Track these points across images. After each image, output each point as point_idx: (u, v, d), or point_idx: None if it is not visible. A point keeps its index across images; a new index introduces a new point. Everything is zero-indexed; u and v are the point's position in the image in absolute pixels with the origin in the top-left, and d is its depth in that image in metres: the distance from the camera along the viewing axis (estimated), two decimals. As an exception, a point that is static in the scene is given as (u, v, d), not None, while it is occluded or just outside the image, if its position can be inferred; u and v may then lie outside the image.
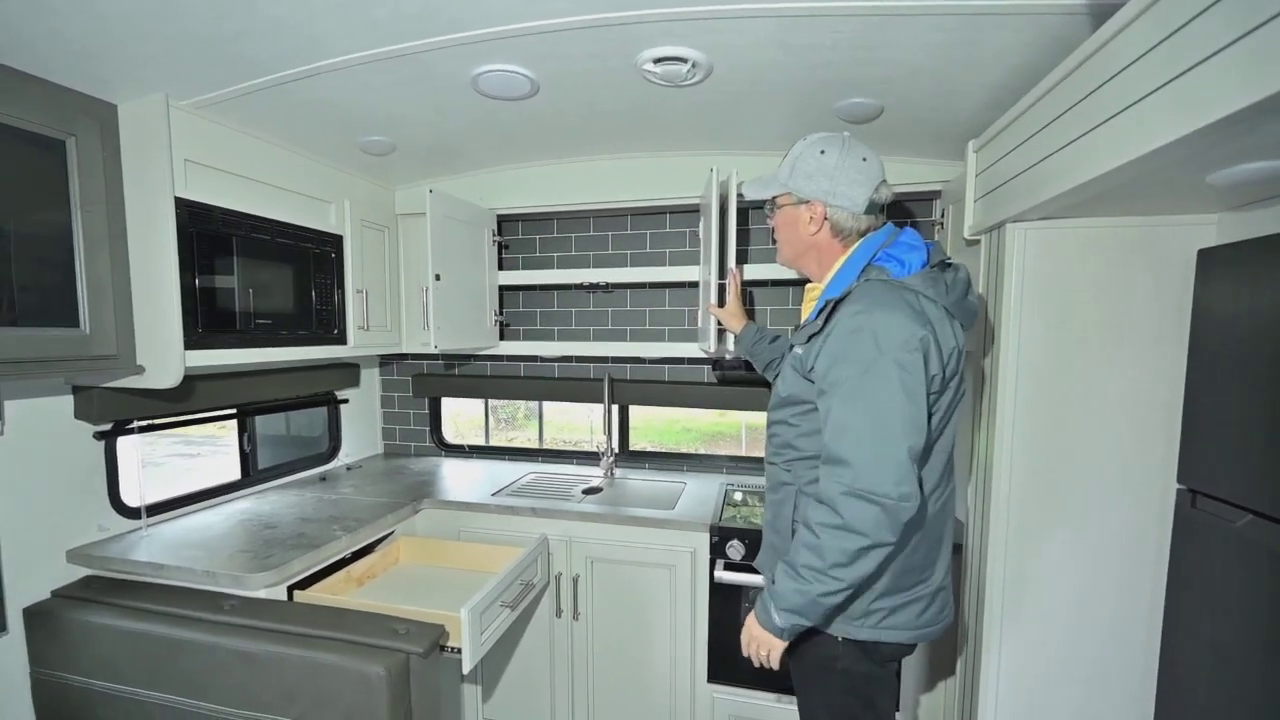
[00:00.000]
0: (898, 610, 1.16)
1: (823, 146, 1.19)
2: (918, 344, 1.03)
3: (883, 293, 1.10)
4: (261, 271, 1.72)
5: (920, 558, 1.16)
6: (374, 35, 1.24)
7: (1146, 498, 1.36)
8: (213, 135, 1.56)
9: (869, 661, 1.18)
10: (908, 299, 1.09)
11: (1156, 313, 1.33)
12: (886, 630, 1.16)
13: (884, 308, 1.07)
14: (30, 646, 1.47)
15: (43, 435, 1.51)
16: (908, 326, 1.04)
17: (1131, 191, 1.10)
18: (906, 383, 1.02)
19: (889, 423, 1.02)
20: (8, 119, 1.23)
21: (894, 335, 1.04)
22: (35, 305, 1.30)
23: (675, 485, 2.22)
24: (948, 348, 1.09)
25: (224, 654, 1.33)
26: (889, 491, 1.00)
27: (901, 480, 1.00)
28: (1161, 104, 0.81)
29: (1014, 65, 1.30)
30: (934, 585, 1.19)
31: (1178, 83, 0.77)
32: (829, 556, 1.03)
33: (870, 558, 1.03)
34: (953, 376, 1.12)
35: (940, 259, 1.17)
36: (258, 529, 1.74)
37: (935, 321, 1.08)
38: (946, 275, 1.16)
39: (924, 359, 1.04)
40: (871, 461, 1.01)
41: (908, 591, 1.16)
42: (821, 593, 1.05)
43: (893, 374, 1.02)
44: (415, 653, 1.29)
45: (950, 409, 1.15)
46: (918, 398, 1.03)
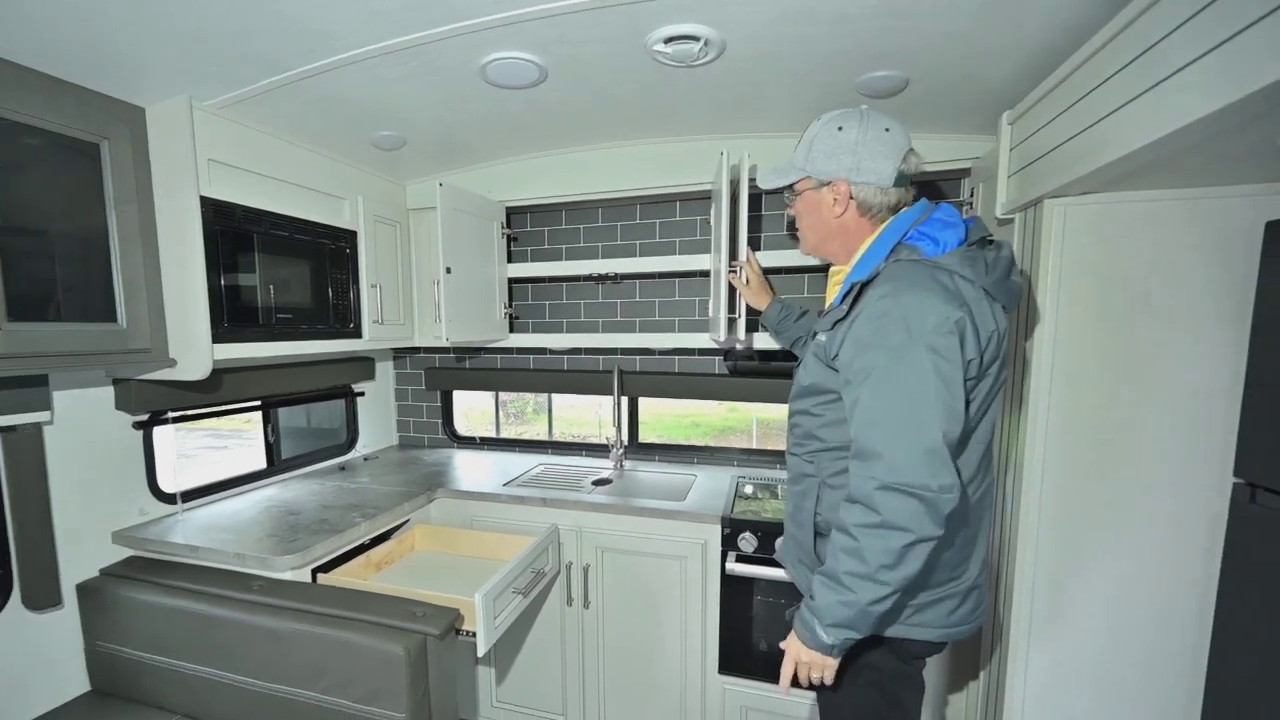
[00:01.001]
0: (927, 607, 1.15)
1: (840, 123, 1.19)
2: (953, 326, 1.00)
3: (913, 273, 1.07)
4: (281, 267, 1.86)
5: (954, 553, 1.15)
6: (383, 26, 1.32)
7: (1197, 493, 1.33)
8: (233, 134, 1.70)
9: (895, 659, 1.19)
10: (941, 279, 1.06)
11: (1214, 292, 1.28)
12: (915, 628, 1.15)
13: (915, 289, 1.04)
14: (83, 619, 1.66)
15: (88, 425, 1.69)
16: (941, 308, 1.01)
17: (1189, 159, 1.06)
18: (941, 368, 0.99)
19: (924, 412, 0.99)
20: (48, 125, 1.37)
21: (926, 318, 1.01)
22: (77, 302, 1.45)
23: (686, 477, 2.33)
24: (986, 331, 1.06)
25: (254, 631, 1.48)
26: (928, 483, 0.97)
27: (940, 471, 0.98)
28: (1234, 56, 0.77)
29: (1063, 23, 1.24)
30: (968, 583, 1.17)
31: (1234, 42, 0.75)
32: (873, 559, 1.00)
33: (916, 554, 0.99)
34: (992, 362, 1.09)
35: (981, 236, 1.15)
36: (282, 515, 1.90)
37: (972, 303, 1.05)
38: (986, 254, 1.13)
39: (960, 342, 1.01)
40: (907, 453, 0.99)
41: (939, 588, 1.15)
42: (870, 600, 1.01)
43: (925, 360, 0.99)
44: (432, 634, 1.43)
45: (990, 397, 1.12)
46: (954, 384, 1.00)
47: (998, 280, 1.11)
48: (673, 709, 2.03)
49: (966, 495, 1.12)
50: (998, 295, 1.11)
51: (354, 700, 1.40)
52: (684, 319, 2.43)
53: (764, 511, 1.93)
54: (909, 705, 1.24)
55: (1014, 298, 1.15)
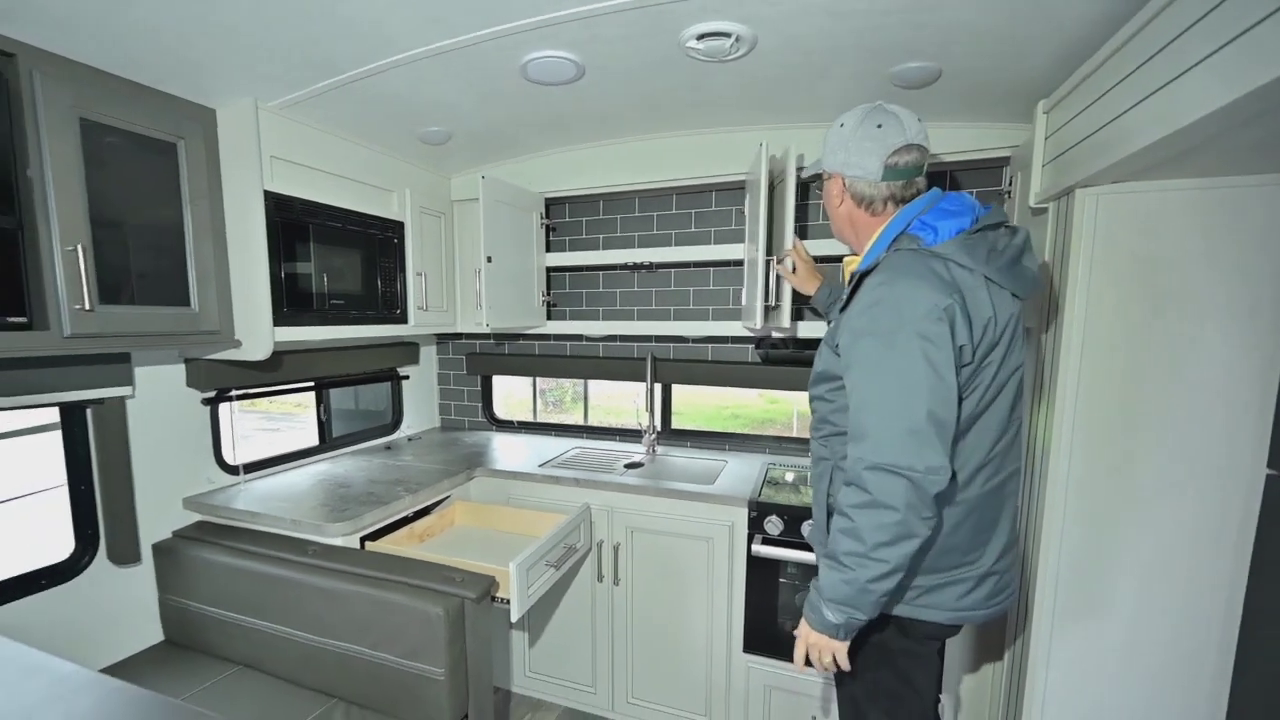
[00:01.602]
0: (936, 590, 1.19)
1: (844, 119, 1.25)
2: (941, 314, 1.04)
3: (908, 262, 1.12)
4: (334, 256, 2.01)
5: (964, 539, 1.17)
6: (434, 30, 1.43)
7: (1229, 484, 1.33)
8: (294, 133, 1.84)
9: (906, 638, 1.23)
10: (934, 267, 1.09)
11: (1248, 282, 1.27)
12: (924, 609, 1.19)
13: (907, 277, 1.09)
14: (158, 576, 1.84)
15: (162, 400, 1.86)
16: (930, 296, 1.05)
17: (1221, 147, 1.07)
18: (930, 354, 1.03)
19: (910, 395, 1.03)
20: (132, 127, 1.51)
21: (917, 305, 1.05)
22: (154, 288, 1.60)
23: (716, 463, 2.39)
24: (981, 317, 1.09)
25: (309, 589, 1.62)
26: (913, 464, 1.01)
27: (924, 453, 1.01)
28: (1250, 47, 0.79)
29: (1094, 15, 1.26)
30: (982, 569, 1.19)
31: (1266, 25, 0.76)
32: (869, 537, 1.04)
33: (910, 531, 1.03)
34: (992, 348, 1.11)
35: (995, 222, 1.17)
36: (333, 488, 2.06)
37: (967, 290, 1.08)
38: (997, 240, 1.15)
39: (950, 329, 1.04)
40: (892, 434, 1.03)
41: (948, 572, 1.18)
42: (869, 578, 1.05)
43: (914, 346, 1.04)
44: (469, 598, 1.54)
45: (996, 384, 1.14)
46: (943, 369, 1.03)
47: (1003, 267, 1.12)
48: (698, 685, 2.11)
49: (974, 483, 1.16)
50: (1003, 282, 1.12)
51: (397, 655, 1.53)
52: (717, 308, 2.49)
53: (791, 496, 1.98)
54: (921, 684, 1.27)
55: (1026, 284, 1.16)
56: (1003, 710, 1.72)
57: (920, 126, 1.21)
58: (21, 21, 1.26)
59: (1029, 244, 1.19)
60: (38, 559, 1.66)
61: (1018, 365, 1.18)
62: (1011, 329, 1.15)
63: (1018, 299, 1.16)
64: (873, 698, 1.30)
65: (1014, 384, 1.17)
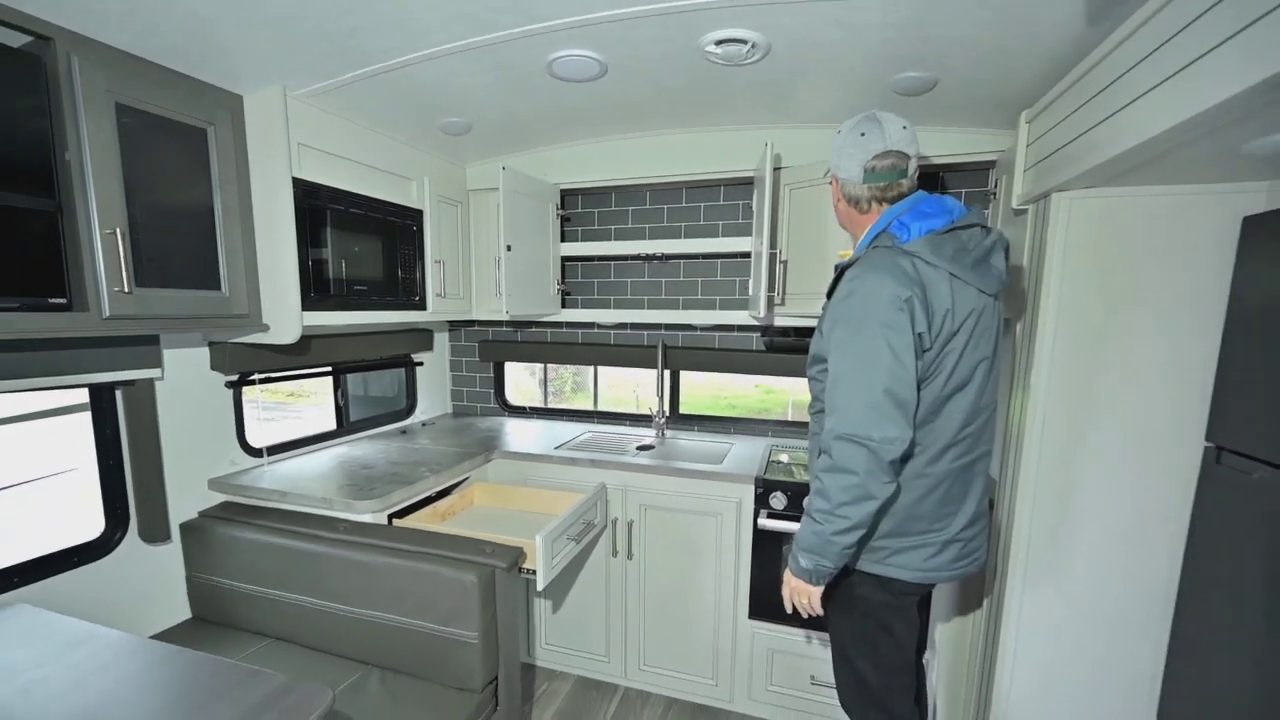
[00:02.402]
0: (904, 551, 1.31)
1: (842, 126, 1.36)
2: (903, 304, 1.17)
3: (879, 258, 1.24)
4: (357, 243, 2.02)
5: (931, 508, 1.30)
6: (468, 26, 1.46)
7: (1174, 455, 1.47)
8: (320, 120, 1.85)
9: (885, 592, 1.36)
10: (901, 263, 1.21)
11: (1197, 279, 1.41)
12: (894, 567, 1.32)
13: (875, 271, 1.22)
14: (185, 554, 1.86)
15: (188, 382, 1.87)
16: (893, 288, 1.18)
17: (1173, 160, 1.19)
18: (891, 339, 1.17)
19: (873, 375, 1.17)
20: (164, 111, 1.51)
21: (881, 296, 1.18)
22: (186, 271, 1.60)
23: (723, 445, 2.45)
24: (941, 308, 1.20)
25: (345, 563, 1.66)
26: (871, 434, 1.15)
27: (882, 424, 1.15)
28: (1194, 77, 0.91)
29: (1073, 36, 1.37)
30: (947, 536, 1.32)
31: (1208, 58, 0.88)
32: (834, 496, 1.20)
33: (870, 494, 1.17)
34: (951, 337, 1.22)
35: (971, 223, 1.28)
36: (356, 469, 2.08)
37: (929, 284, 1.20)
38: (967, 239, 1.26)
39: (910, 318, 1.17)
40: (857, 409, 1.18)
41: (915, 536, 1.31)
42: (833, 531, 1.21)
43: (878, 332, 1.18)
44: (500, 567, 1.59)
45: (961, 371, 1.24)
46: (903, 353, 1.17)
47: (970, 264, 1.23)
48: (705, 651, 2.19)
49: (942, 459, 1.28)
50: (968, 278, 1.23)
51: (432, 621, 1.57)
52: (724, 297, 2.54)
53: (794, 474, 2.05)
54: (900, 633, 1.40)
55: (991, 281, 1.26)
56: (980, 660, 1.83)
57: (904, 134, 1.30)
58: (58, 5, 1.26)
59: (999, 245, 1.29)
60: (56, 540, 1.66)
61: (985, 356, 1.28)
62: (975, 321, 1.25)
63: (985, 294, 1.26)
64: (857, 646, 1.44)
65: (982, 373, 1.28)
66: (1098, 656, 1.59)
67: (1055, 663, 1.63)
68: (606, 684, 2.36)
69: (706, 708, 2.23)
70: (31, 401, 6.14)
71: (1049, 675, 1.64)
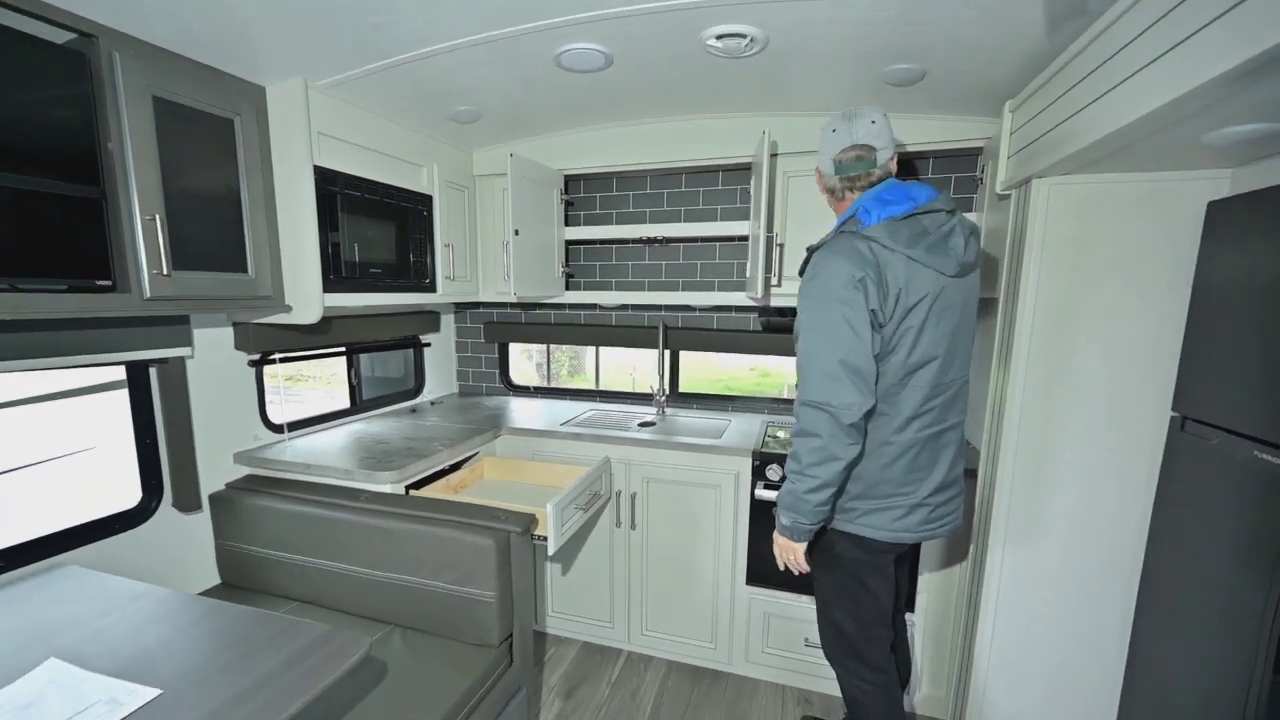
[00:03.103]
0: (873, 513, 1.45)
1: (823, 122, 1.50)
2: (857, 284, 1.30)
3: (840, 242, 1.37)
4: (370, 227, 2.12)
5: (897, 473, 1.42)
6: (479, 23, 1.55)
7: (1144, 424, 1.59)
8: (338, 110, 1.94)
9: (861, 550, 1.49)
10: (858, 246, 1.34)
11: (1166, 259, 1.52)
12: (865, 527, 1.45)
13: (835, 254, 1.35)
14: (214, 523, 1.98)
15: (216, 361, 1.99)
16: (848, 269, 1.31)
17: (1142, 148, 1.29)
18: (847, 315, 1.31)
19: (830, 347, 1.31)
20: (196, 103, 1.60)
21: (838, 276, 1.32)
22: (216, 255, 1.71)
23: (721, 422, 2.59)
24: (895, 288, 1.32)
25: (367, 529, 1.78)
26: (830, 400, 1.30)
27: (838, 391, 1.30)
28: (1156, 73, 1.02)
29: (1044, 44, 1.49)
30: (914, 500, 1.44)
31: (1169, 55, 0.98)
32: (803, 458, 1.35)
33: (834, 455, 1.32)
34: (906, 313, 1.33)
35: (935, 209, 1.38)
36: (372, 444, 2.21)
37: (885, 265, 1.32)
38: (927, 224, 1.37)
39: (864, 295, 1.30)
40: (818, 378, 1.32)
41: (883, 499, 1.44)
42: (804, 490, 1.36)
43: (835, 309, 1.31)
44: (515, 532, 1.72)
45: (923, 347, 1.35)
46: (859, 326, 1.30)
47: (927, 248, 1.34)
48: (705, 615, 2.33)
49: (908, 429, 1.40)
50: (926, 260, 1.34)
51: (451, 582, 1.70)
52: (723, 280, 2.66)
53: (790, 448, 2.16)
54: (875, 588, 1.54)
55: (948, 263, 1.36)
56: (964, 616, 1.98)
57: (871, 128, 1.42)
58: (101, 4, 1.35)
59: (959, 229, 1.39)
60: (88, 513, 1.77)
61: (947, 333, 1.39)
62: (932, 300, 1.35)
63: (945, 275, 1.36)
64: (837, 599, 1.59)
65: (945, 349, 1.39)
66: (1073, 610, 1.73)
67: (1033, 617, 1.78)
68: (611, 649, 2.51)
69: (706, 670, 2.39)
70: (62, 380, 6.35)
71: (1027, 629, 1.79)
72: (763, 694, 2.28)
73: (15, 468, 5.40)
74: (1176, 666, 1.49)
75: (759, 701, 2.24)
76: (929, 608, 2.09)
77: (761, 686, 2.31)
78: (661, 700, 2.24)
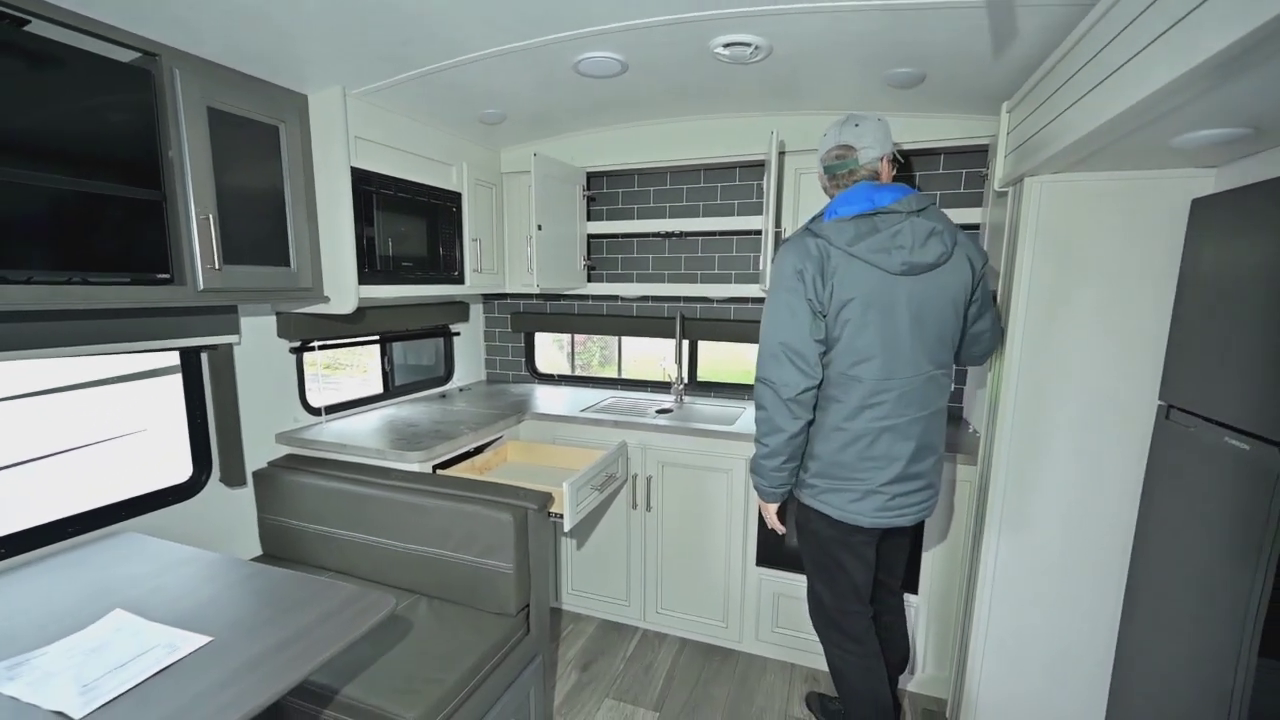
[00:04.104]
0: (830, 492, 1.58)
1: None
2: (797, 275, 1.47)
3: (795, 237, 1.54)
4: (403, 224, 2.27)
5: (850, 459, 1.54)
6: (503, 36, 1.68)
7: (1132, 413, 1.65)
8: (373, 115, 2.09)
9: (831, 527, 1.61)
10: (806, 241, 1.49)
11: (1152, 254, 1.57)
12: (823, 504, 1.59)
13: (786, 248, 1.52)
14: (257, 499, 2.17)
15: (261, 347, 2.17)
16: (793, 261, 1.48)
17: (1120, 149, 1.36)
18: (789, 301, 1.48)
19: (774, 330, 1.50)
20: (245, 112, 1.76)
21: (784, 267, 1.50)
22: (261, 250, 1.87)
23: (736, 409, 2.69)
24: (831, 280, 1.45)
25: (398, 505, 1.93)
26: (771, 376, 1.50)
27: (780, 370, 1.49)
28: (1119, 81, 1.10)
29: (1040, 41, 1.52)
30: (868, 487, 1.54)
31: (1129, 65, 1.05)
32: (758, 428, 1.58)
33: (778, 426, 1.52)
34: (843, 306, 1.45)
35: (893, 210, 1.46)
36: (403, 427, 2.37)
37: (828, 259, 1.46)
38: (879, 222, 1.45)
39: (803, 284, 1.46)
40: (765, 357, 1.52)
41: (839, 480, 1.56)
42: (760, 456, 1.59)
43: (781, 296, 1.50)
44: (532, 509, 1.85)
45: (867, 340, 1.46)
46: (798, 311, 1.47)
47: (870, 246, 1.43)
48: (717, 594, 2.44)
49: (861, 418, 1.51)
50: (866, 258, 1.44)
51: (473, 555, 1.84)
52: (739, 272, 2.75)
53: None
54: (848, 565, 1.65)
55: (892, 261, 1.43)
56: (962, 599, 2.05)
57: (855, 131, 1.54)
58: (164, 26, 1.51)
59: (909, 230, 1.45)
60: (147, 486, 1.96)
61: (893, 331, 1.47)
62: (868, 296, 1.45)
63: (889, 274, 1.45)
64: (815, 572, 1.75)
65: (887, 346, 1.47)
66: (1067, 594, 1.80)
67: (1027, 601, 1.85)
68: (626, 626, 2.64)
69: (717, 648, 2.50)
70: (122, 365, 6.88)
71: (1021, 612, 1.85)
72: (771, 672, 2.38)
73: (80, 445, 5.86)
74: (1165, 650, 1.54)
75: (768, 679, 2.34)
76: (932, 590, 2.16)
77: (770, 665, 2.41)
78: (674, 675, 2.36)
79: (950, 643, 2.15)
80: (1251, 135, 1.19)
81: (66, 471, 5.51)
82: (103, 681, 1.05)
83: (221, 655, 1.14)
